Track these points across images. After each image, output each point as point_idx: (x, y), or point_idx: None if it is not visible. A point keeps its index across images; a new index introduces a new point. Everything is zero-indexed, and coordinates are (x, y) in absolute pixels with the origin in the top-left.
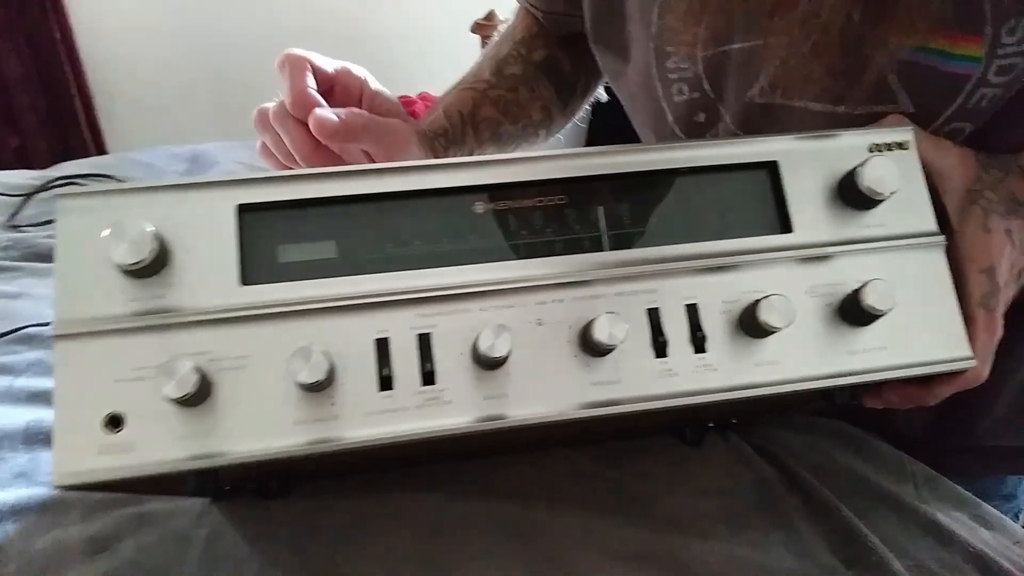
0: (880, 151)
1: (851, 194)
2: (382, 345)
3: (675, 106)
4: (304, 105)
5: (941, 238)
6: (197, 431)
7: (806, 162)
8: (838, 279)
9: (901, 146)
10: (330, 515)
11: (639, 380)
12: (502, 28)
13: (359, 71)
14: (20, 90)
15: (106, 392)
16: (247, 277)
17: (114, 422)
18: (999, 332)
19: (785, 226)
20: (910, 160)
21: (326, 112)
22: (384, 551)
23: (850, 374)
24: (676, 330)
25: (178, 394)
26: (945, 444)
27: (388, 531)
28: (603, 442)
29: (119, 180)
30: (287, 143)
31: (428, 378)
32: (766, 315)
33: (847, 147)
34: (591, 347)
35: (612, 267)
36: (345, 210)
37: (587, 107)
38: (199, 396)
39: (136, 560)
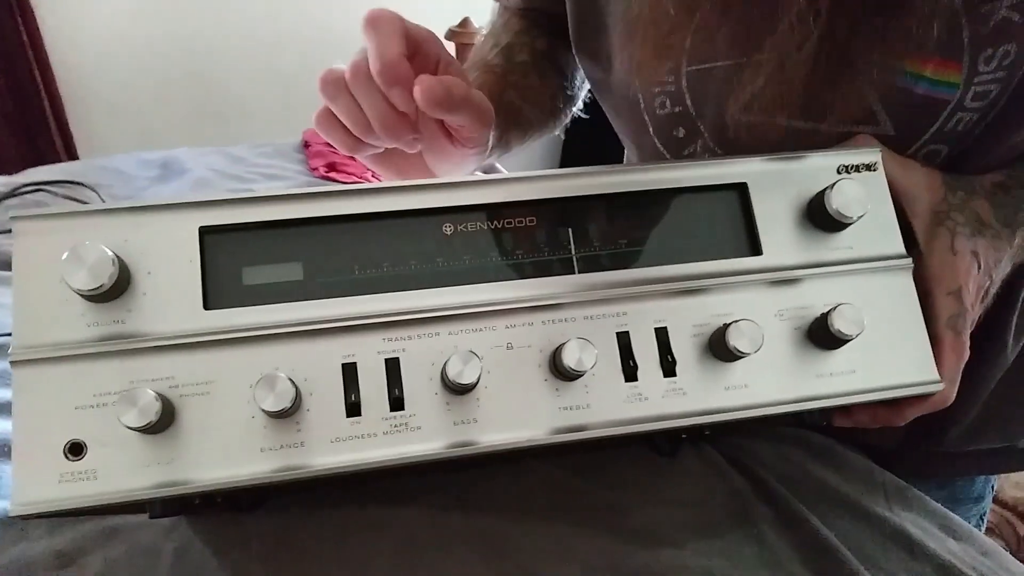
0: (848, 172)
1: (820, 217)
2: (349, 370)
3: (656, 119)
4: (396, 74)
5: (908, 261)
6: (160, 458)
7: (775, 184)
8: (807, 302)
9: (869, 167)
10: (303, 527)
11: (609, 404)
12: (479, 38)
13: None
14: None
15: (67, 419)
16: (211, 301)
17: (75, 450)
18: (966, 354)
19: (755, 248)
20: (878, 181)
21: (431, 78)
22: (358, 563)
23: (819, 398)
24: (646, 354)
25: (140, 423)
26: (916, 451)
27: (363, 543)
28: (577, 453)
29: (88, 187)
30: (367, 110)
31: (396, 404)
32: (735, 340)
33: (816, 168)
34: (561, 372)
35: (582, 290)
36: (311, 232)
37: (569, 116)
38: (162, 423)
39: (104, 574)
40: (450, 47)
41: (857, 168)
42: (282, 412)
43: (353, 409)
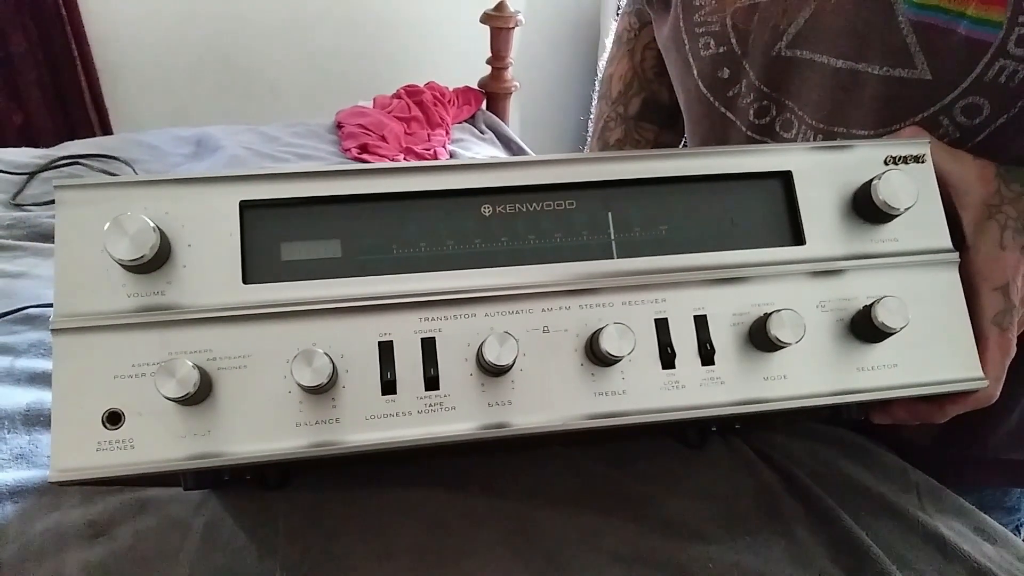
0: (896, 164)
1: (865, 208)
2: (385, 348)
3: (700, 60)
4: None
5: (955, 255)
6: (197, 430)
7: (821, 173)
8: (850, 294)
9: (917, 159)
10: (330, 506)
11: (645, 391)
12: (514, 21)
13: None
14: (26, 67)
15: (105, 388)
16: (250, 275)
17: (113, 419)
18: (1012, 351)
19: (798, 238)
20: (926, 174)
21: None
22: (383, 544)
23: (859, 391)
24: (684, 341)
25: (178, 394)
26: (952, 454)
27: (388, 524)
28: (605, 443)
29: (124, 162)
30: None
31: (431, 383)
32: (776, 330)
33: (862, 159)
34: (597, 357)
35: (620, 275)
36: (350, 209)
37: None
38: (199, 395)
39: (134, 546)
40: (484, 31)
41: (905, 160)
42: (318, 388)
43: (388, 387)
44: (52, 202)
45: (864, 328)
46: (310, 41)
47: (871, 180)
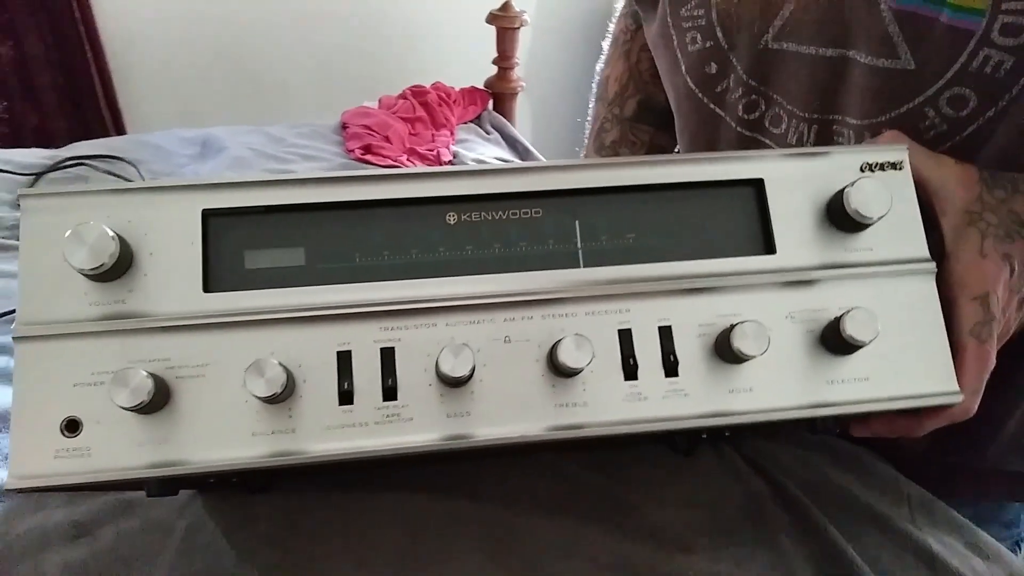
0: (872, 171)
1: (838, 216)
2: (344, 358)
3: (688, 56)
4: None
5: (931, 265)
6: (155, 438)
7: (794, 180)
8: (821, 305)
9: (895, 166)
10: (312, 511)
11: (607, 403)
12: (520, 21)
13: None
14: (40, 69)
15: (65, 396)
16: (210, 284)
17: (71, 426)
18: (990, 364)
19: (768, 247)
20: (903, 181)
21: None
22: (364, 548)
23: (829, 405)
24: (648, 353)
25: (131, 403)
26: (948, 463)
27: (369, 528)
28: (590, 448)
29: (129, 162)
30: None
31: (389, 394)
32: (739, 341)
33: (838, 165)
34: (558, 368)
35: (585, 285)
36: (314, 218)
37: None
38: (156, 403)
39: (115, 547)
40: (490, 31)
41: (882, 166)
42: (273, 397)
43: (346, 397)
44: None
45: (834, 340)
46: (319, 42)
47: (844, 188)
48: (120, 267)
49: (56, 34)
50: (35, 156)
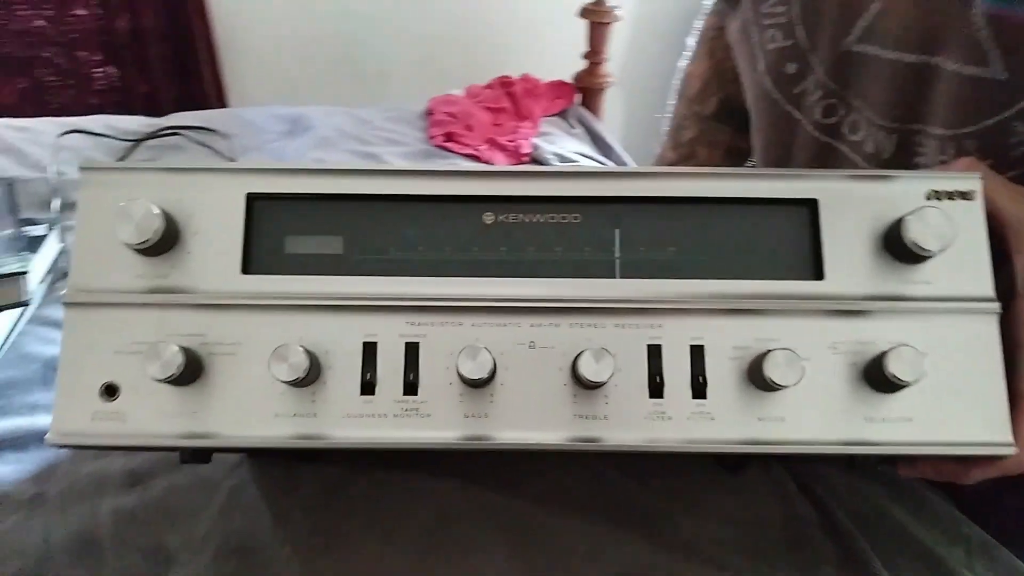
0: (939, 199)
1: (896, 245)
2: (369, 349)
3: (767, 54)
4: None
5: (996, 305)
6: (185, 410)
7: (852, 204)
8: (869, 337)
9: (965, 196)
10: (349, 484)
11: (628, 419)
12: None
13: None
14: (153, 41)
15: (105, 362)
16: (249, 266)
17: (109, 391)
18: None
19: (817, 272)
20: (973, 213)
21: None
22: (393, 526)
23: (865, 443)
24: (676, 371)
25: (162, 376)
26: (1014, 507)
27: (401, 507)
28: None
29: (220, 135)
30: None
31: (410, 388)
32: (770, 370)
33: (902, 192)
34: (579, 379)
35: (618, 297)
36: (352, 208)
37: None
38: (187, 377)
39: (164, 499)
40: (582, 25)
41: (951, 195)
42: (296, 382)
43: (367, 387)
44: None
45: (877, 377)
46: (419, 30)
47: (904, 216)
48: (165, 243)
49: (170, 8)
50: (137, 123)
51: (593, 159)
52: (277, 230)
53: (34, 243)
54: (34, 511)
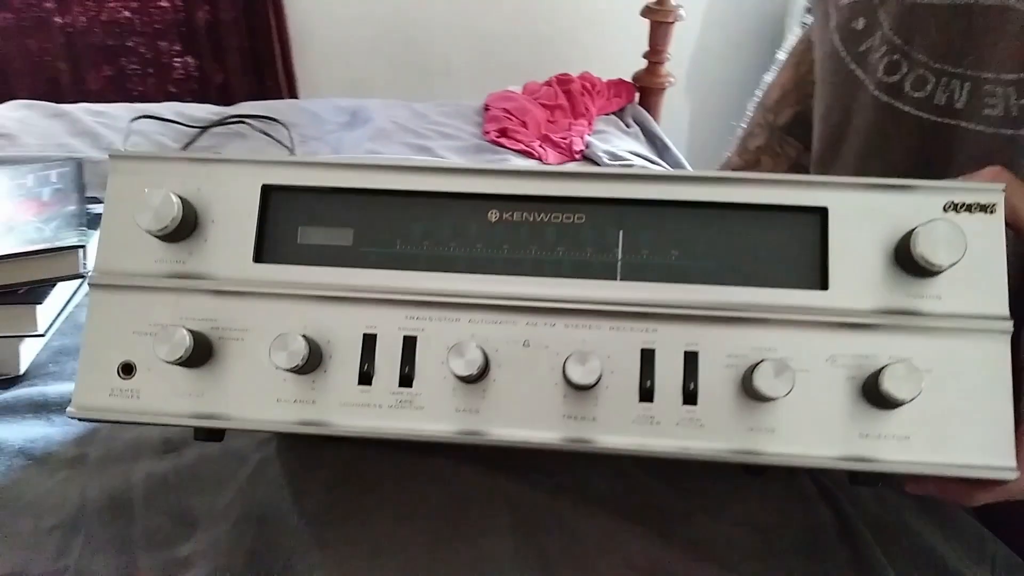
0: (957, 211)
1: (906, 258)
2: (369, 341)
3: (839, 10)
4: None
5: (1008, 324)
6: (195, 390)
7: (864, 213)
8: (870, 351)
9: (985, 208)
10: (369, 465)
11: (617, 422)
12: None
13: None
14: (230, 32)
15: (124, 341)
16: (260, 255)
17: (126, 369)
18: None
19: (822, 282)
20: (993, 227)
21: None
22: (406, 506)
23: (858, 459)
24: (668, 376)
25: (170, 358)
26: None
27: (418, 490)
28: None
29: (282, 124)
30: None
31: (405, 380)
32: (760, 380)
33: (918, 202)
34: (568, 380)
35: (614, 299)
36: (362, 202)
37: None
38: (197, 359)
39: (195, 466)
40: (644, 24)
41: (969, 207)
42: (295, 369)
43: (365, 378)
44: (214, 153)
45: (874, 392)
46: (483, 26)
47: (916, 227)
48: (184, 230)
49: (247, 2)
50: (204, 111)
51: (646, 158)
52: (290, 220)
53: (96, 220)
54: (75, 471)
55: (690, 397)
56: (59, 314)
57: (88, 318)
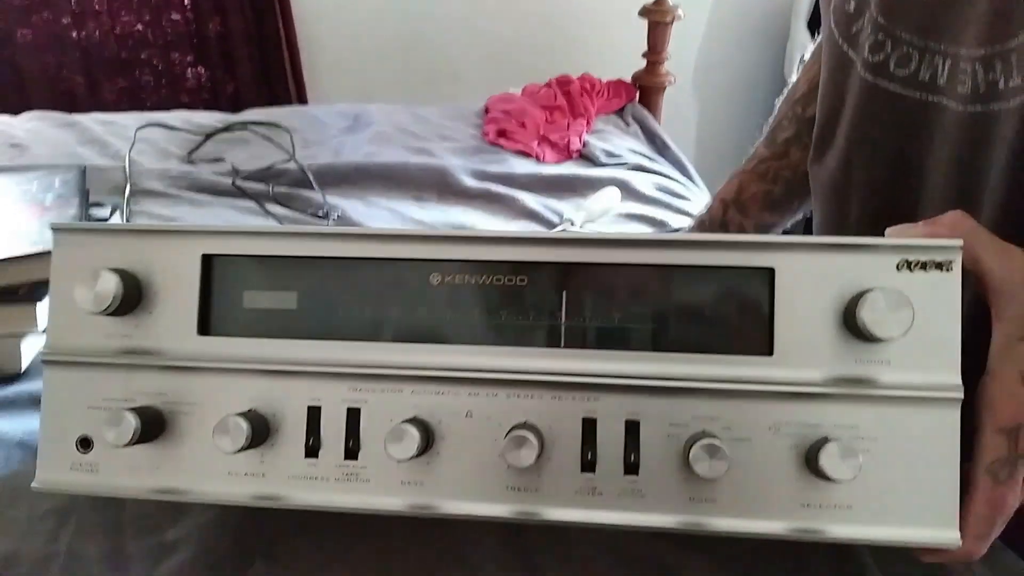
0: (911, 270)
1: (854, 324)
2: (313, 413)
3: None
4: None
5: (959, 393)
6: (152, 464)
7: (814, 274)
8: (814, 420)
9: (942, 267)
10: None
11: (559, 492)
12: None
13: None
14: (240, 43)
15: (80, 416)
16: (204, 326)
17: (84, 443)
18: (1005, 510)
19: (767, 348)
20: (949, 287)
21: None
22: (390, 553)
23: (799, 531)
24: (610, 446)
25: (118, 443)
26: None
27: (396, 532)
28: None
29: (285, 130)
30: None
31: (350, 453)
32: (695, 461)
33: (870, 262)
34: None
35: (556, 370)
36: (303, 268)
37: None
38: (152, 434)
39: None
40: (642, 24)
41: (924, 265)
42: (241, 449)
43: (311, 451)
44: (218, 160)
45: (815, 464)
46: (488, 31)
47: (863, 292)
48: (128, 304)
49: (256, 11)
50: (210, 118)
51: (645, 156)
52: (233, 287)
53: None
54: None
55: (631, 467)
56: None
57: (44, 394)
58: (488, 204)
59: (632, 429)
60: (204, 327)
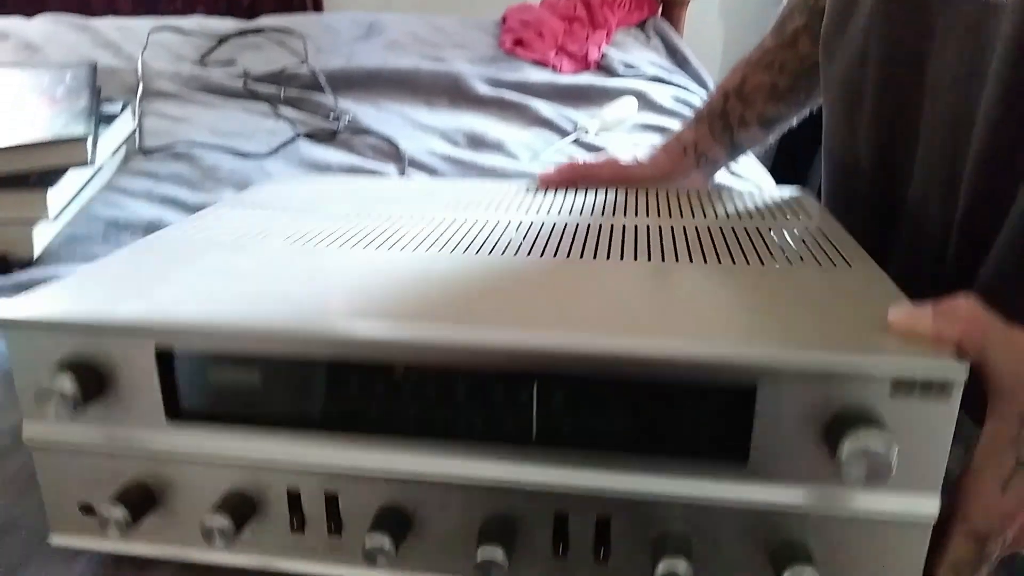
0: (905, 394)
1: (835, 442)
2: (293, 497)
3: None
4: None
5: (932, 518)
6: (152, 529)
7: (799, 392)
8: (787, 537)
9: (942, 388)
10: None
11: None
12: None
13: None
14: None
15: (76, 488)
16: (173, 412)
17: (87, 509)
18: None
19: (743, 461)
20: (944, 416)
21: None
22: None
23: None
24: (581, 537)
25: (118, 534)
26: None
27: None
28: None
29: (297, 36)
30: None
31: (334, 530)
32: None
33: (861, 381)
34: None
35: (528, 482)
36: (265, 366)
37: None
38: (146, 508)
39: None
40: None
41: (922, 387)
42: (229, 538)
43: (297, 526)
44: (229, 63)
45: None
46: None
47: (845, 434)
48: (91, 393)
49: None
50: (224, 24)
51: (665, 68)
52: (194, 372)
53: (110, 119)
54: None
55: (602, 558)
56: (70, 202)
57: (37, 471)
58: (501, 111)
59: (603, 525)
60: (173, 412)
